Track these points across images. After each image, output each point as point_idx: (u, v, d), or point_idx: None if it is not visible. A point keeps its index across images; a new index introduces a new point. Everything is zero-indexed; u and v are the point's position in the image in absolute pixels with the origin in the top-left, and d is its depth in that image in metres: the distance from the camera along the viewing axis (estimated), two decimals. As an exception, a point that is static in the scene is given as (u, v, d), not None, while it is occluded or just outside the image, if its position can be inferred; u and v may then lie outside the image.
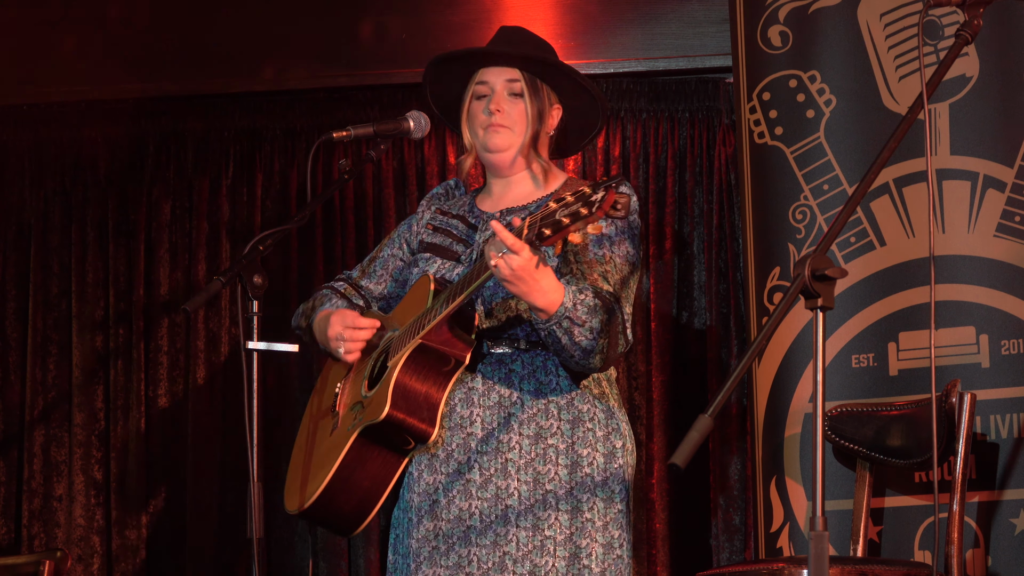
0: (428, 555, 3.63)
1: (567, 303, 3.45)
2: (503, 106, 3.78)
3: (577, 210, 3.21)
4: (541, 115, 3.79)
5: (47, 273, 5.61)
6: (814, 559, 2.61)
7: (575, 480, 3.62)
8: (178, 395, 5.55)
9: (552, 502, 3.60)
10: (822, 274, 2.67)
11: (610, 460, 3.66)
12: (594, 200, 3.19)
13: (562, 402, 3.65)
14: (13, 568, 4.28)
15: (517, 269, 3.34)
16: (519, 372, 3.65)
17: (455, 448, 3.64)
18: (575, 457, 3.63)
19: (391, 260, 3.97)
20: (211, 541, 5.48)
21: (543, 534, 3.58)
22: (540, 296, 3.42)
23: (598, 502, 3.64)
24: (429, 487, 3.66)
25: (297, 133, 5.63)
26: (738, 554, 5.28)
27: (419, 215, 3.96)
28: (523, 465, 3.61)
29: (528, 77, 3.79)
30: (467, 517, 3.61)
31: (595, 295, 3.52)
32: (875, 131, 4.68)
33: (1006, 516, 4.46)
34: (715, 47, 5.36)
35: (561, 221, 3.22)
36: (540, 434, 3.62)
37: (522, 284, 3.38)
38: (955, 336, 4.54)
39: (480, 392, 3.65)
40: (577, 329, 3.47)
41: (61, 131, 5.67)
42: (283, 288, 5.53)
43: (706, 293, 5.42)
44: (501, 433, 3.62)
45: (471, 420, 3.64)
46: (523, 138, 3.78)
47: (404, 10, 5.51)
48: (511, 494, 3.60)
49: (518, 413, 3.63)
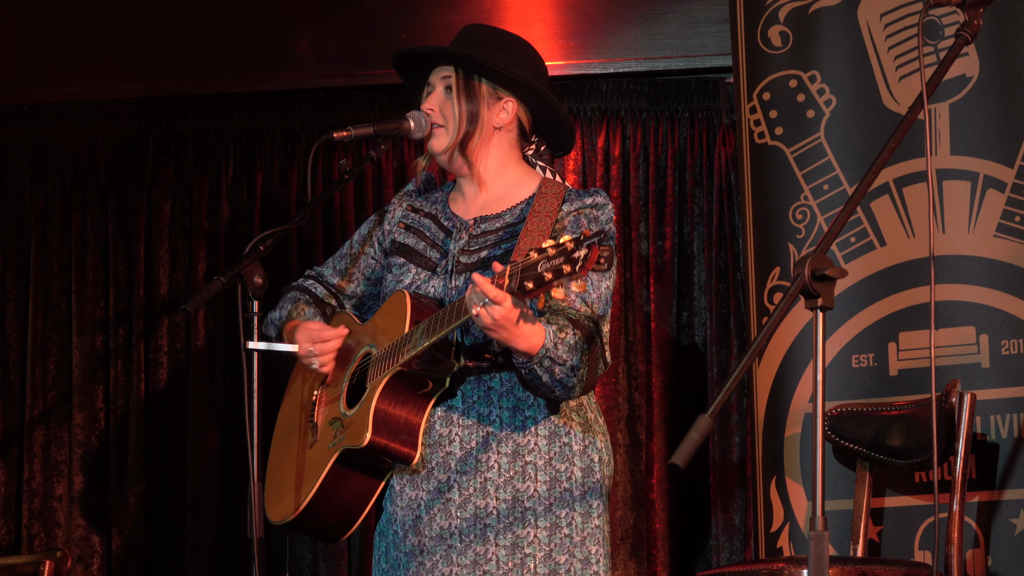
0: (415, 571, 3.63)
1: (548, 344, 3.41)
2: (435, 104, 3.73)
3: (560, 267, 3.15)
4: (474, 114, 3.70)
5: (47, 273, 5.61)
6: (814, 559, 2.61)
7: (554, 496, 3.59)
8: (178, 395, 5.55)
9: (531, 519, 3.57)
10: (822, 274, 2.67)
11: (588, 474, 3.62)
12: (577, 257, 3.13)
13: (539, 417, 3.61)
14: (13, 568, 4.28)
15: (499, 319, 3.30)
16: (497, 390, 3.61)
17: (435, 466, 3.62)
18: (553, 472, 3.60)
19: (363, 259, 3.92)
20: (211, 541, 5.48)
21: (522, 552, 3.56)
22: (522, 341, 3.38)
23: (576, 517, 3.60)
24: (412, 502, 3.64)
25: (297, 133, 5.63)
26: (738, 554, 5.28)
27: (391, 212, 3.90)
28: (502, 484, 3.58)
29: (461, 74, 3.71)
30: (447, 536, 3.59)
31: (575, 331, 3.47)
32: (875, 131, 4.68)
33: (1006, 516, 4.46)
34: (715, 47, 5.35)
35: (544, 276, 3.16)
36: (518, 451, 3.59)
37: (503, 332, 3.34)
38: (955, 336, 4.54)
39: (459, 411, 3.61)
40: (558, 368, 3.44)
41: (61, 131, 5.67)
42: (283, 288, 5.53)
43: (706, 293, 5.42)
44: (479, 452, 3.59)
45: (449, 439, 3.61)
46: (457, 137, 3.70)
47: (404, 10, 5.50)
48: (489, 513, 3.57)
49: (496, 431, 3.60)
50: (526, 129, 3.79)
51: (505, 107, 3.73)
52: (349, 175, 3.76)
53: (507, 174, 3.76)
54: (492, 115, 3.73)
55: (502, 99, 3.73)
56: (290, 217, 4.50)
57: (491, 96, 3.73)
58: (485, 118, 3.72)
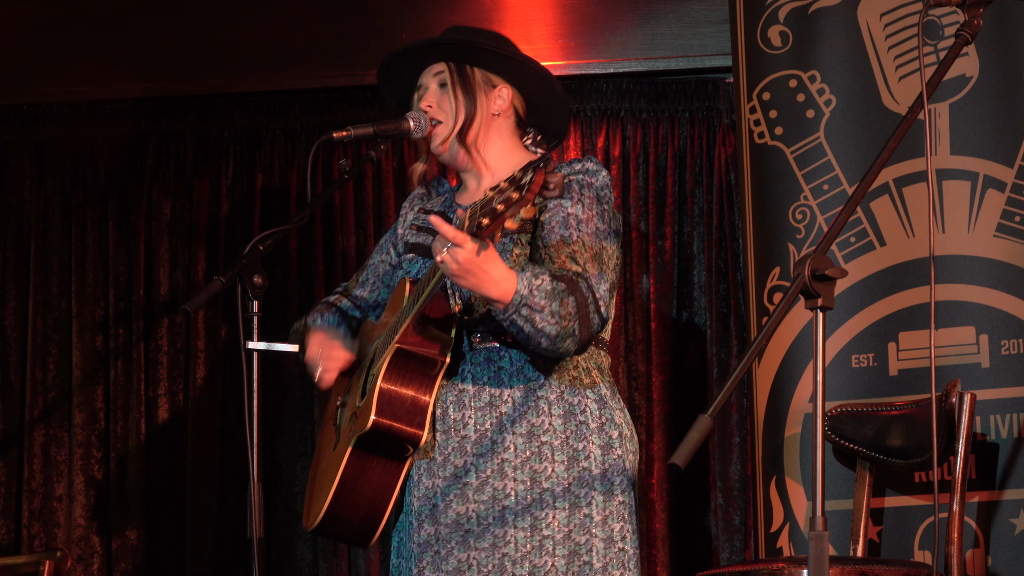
0: (431, 560, 3.62)
1: (522, 290, 3.37)
2: (432, 101, 3.74)
3: (509, 195, 3.14)
4: (471, 101, 3.71)
5: (47, 273, 5.61)
6: (814, 559, 2.61)
7: (572, 475, 3.57)
8: (178, 395, 5.55)
9: (549, 500, 3.56)
10: (822, 274, 2.67)
11: (607, 451, 3.61)
12: (524, 183, 3.12)
13: (552, 397, 3.60)
14: (13, 568, 4.28)
15: (463, 262, 3.28)
16: (508, 369, 3.61)
17: (451, 452, 3.62)
18: (571, 452, 3.58)
19: (381, 266, 3.94)
20: (211, 541, 5.48)
21: (541, 534, 3.55)
22: (492, 286, 3.35)
23: (596, 496, 3.59)
24: (428, 491, 3.64)
25: (297, 133, 5.63)
26: (738, 554, 5.28)
27: (403, 217, 3.93)
28: (519, 464, 3.57)
29: (453, 65, 3.73)
30: (464, 521, 3.59)
31: (554, 278, 3.44)
32: (875, 131, 4.68)
33: (1006, 516, 4.46)
34: (715, 47, 5.36)
35: (496, 209, 3.16)
36: (532, 432, 3.58)
37: (471, 277, 3.32)
38: (955, 336, 4.54)
39: (471, 394, 3.61)
40: (537, 316, 3.40)
41: (61, 131, 5.67)
42: (283, 288, 5.53)
43: (706, 293, 5.43)
44: (494, 434, 3.59)
45: (463, 423, 3.61)
46: (456, 127, 3.71)
47: (404, 10, 5.51)
48: (508, 495, 3.57)
49: (509, 412, 3.59)
50: (522, 116, 3.81)
51: (500, 93, 3.75)
52: (349, 175, 3.76)
53: (508, 160, 3.76)
54: (489, 102, 3.75)
55: (496, 86, 3.75)
56: (290, 217, 4.50)
57: (486, 83, 3.75)
58: (483, 105, 3.74)
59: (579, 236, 3.57)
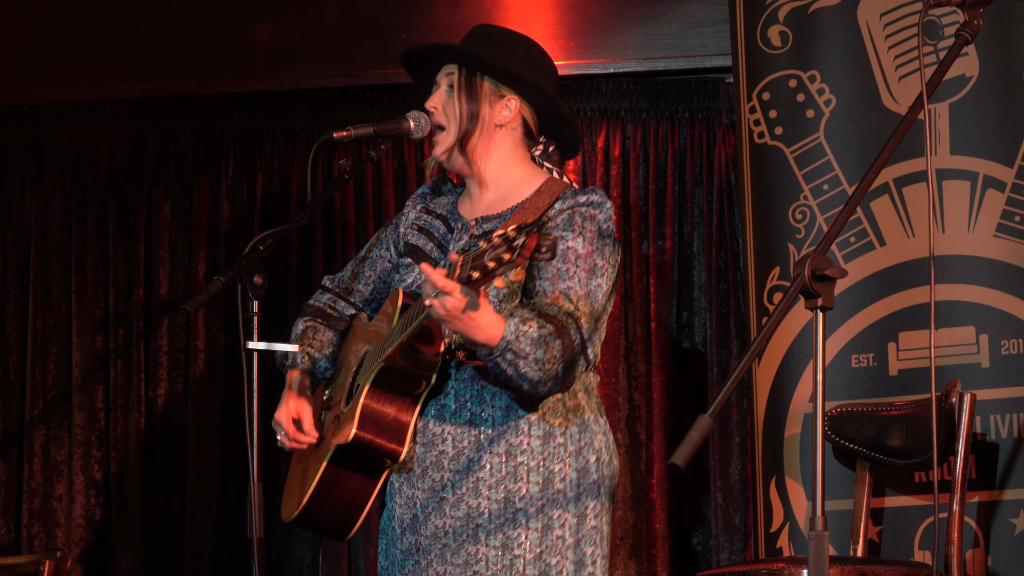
0: (412, 568, 3.63)
1: (508, 336, 3.38)
2: (437, 103, 3.72)
3: (501, 255, 3.15)
4: (474, 111, 3.68)
5: (47, 273, 5.61)
6: (814, 559, 2.61)
7: (547, 497, 3.56)
8: (178, 395, 5.55)
9: (522, 520, 3.55)
10: (822, 274, 2.67)
11: (583, 476, 3.59)
12: (516, 245, 3.13)
13: (532, 418, 3.58)
14: (13, 568, 4.29)
15: (451, 309, 3.28)
16: (491, 389, 3.59)
17: (429, 465, 3.61)
18: (547, 474, 3.57)
19: (379, 262, 3.91)
20: (211, 541, 5.48)
21: (512, 553, 3.54)
22: (479, 332, 3.36)
23: (570, 519, 3.57)
24: (409, 500, 3.64)
25: (297, 133, 5.63)
26: (738, 554, 5.28)
27: (405, 214, 3.90)
28: (494, 484, 3.57)
29: (464, 71, 3.69)
30: (442, 535, 3.59)
31: (542, 320, 3.44)
32: (875, 131, 4.68)
33: (1006, 516, 4.46)
34: (715, 47, 5.36)
35: (487, 265, 3.17)
36: (510, 452, 3.57)
37: (458, 323, 3.32)
38: (955, 336, 4.54)
39: (452, 410, 3.60)
40: (521, 362, 3.41)
41: (61, 131, 5.67)
42: (283, 288, 5.54)
43: (706, 293, 5.43)
44: (472, 452, 3.58)
45: (442, 438, 3.60)
46: (456, 136, 3.68)
47: (404, 10, 5.51)
48: (481, 512, 3.56)
49: (488, 431, 3.58)
50: (532, 129, 3.76)
51: (508, 105, 3.70)
52: (349, 175, 3.76)
53: (511, 173, 3.73)
54: (494, 113, 3.70)
55: (504, 96, 3.70)
56: (290, 217, 4.51)
57: (493, 94, 3.70)
58: (486, 116, 3.69)
59: (576, 272, 3.55)
